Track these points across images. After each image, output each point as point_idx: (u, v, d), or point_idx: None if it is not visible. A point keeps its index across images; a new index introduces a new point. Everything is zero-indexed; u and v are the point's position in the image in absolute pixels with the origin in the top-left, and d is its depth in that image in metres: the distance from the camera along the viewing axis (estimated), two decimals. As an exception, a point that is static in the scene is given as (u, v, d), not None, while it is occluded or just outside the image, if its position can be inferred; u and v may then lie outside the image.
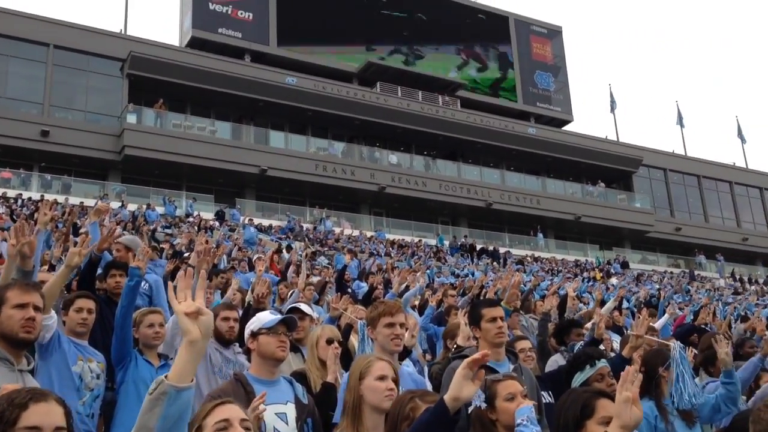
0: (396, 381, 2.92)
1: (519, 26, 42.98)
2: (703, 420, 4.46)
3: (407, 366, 4.99)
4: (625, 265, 34.71)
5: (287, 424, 3.17)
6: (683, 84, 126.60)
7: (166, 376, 1.96)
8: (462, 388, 2.31)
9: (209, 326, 2.06)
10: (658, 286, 25.56)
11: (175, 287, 2.11)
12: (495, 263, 27.79)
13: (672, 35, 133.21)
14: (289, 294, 8.21)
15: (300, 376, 3.83)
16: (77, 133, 28.02)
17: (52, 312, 3.99)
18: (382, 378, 2.86)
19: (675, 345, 2.92)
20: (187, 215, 25.38)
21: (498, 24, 42.08)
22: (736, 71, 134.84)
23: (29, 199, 22.74)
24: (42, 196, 22.98)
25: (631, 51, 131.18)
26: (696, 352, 6.09)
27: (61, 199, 23.12)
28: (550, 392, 4.35)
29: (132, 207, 23.50)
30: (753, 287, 33.56)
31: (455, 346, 5.31)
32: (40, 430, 1.89)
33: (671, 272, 36.48)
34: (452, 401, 2.31)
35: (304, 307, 5.17)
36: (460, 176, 36.40)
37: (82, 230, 10.95)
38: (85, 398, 4.07)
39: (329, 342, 4.12)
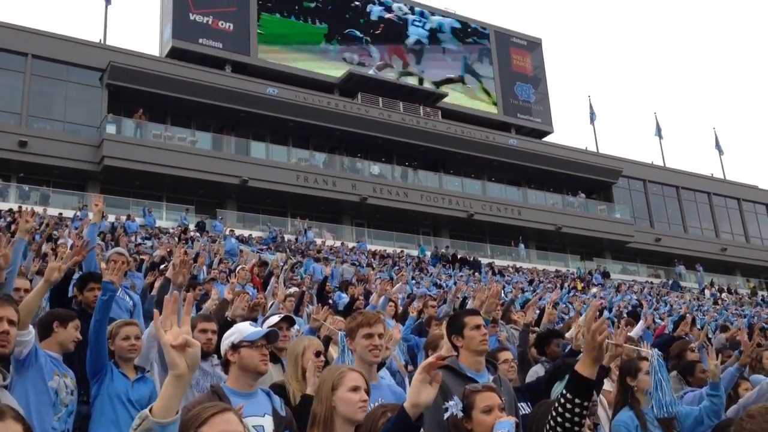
0: (368, 392, 2.89)
1: (499, 38, 43.32)
2: (686, 432, 4.46)
3: (382, 377, 4.97)
4: (606, 275, 34.94)
5: (265, 437, 3.12)
6: (661, 95, 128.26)
7: (150, 410, 1.92)
8: (420, 393, 2.33)
9: (196, 359, 2.02)
10: (636, 297, 25.74)
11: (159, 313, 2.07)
12: (476, 274, 27.84)
13: (650, 48, 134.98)
14: (269, 305, 8.16)
15: (279, 388, 3.78)
16: (56, 144, 27.73)
17: (30, 327, 3.94)
18: (355, 389, 2.84)
19: (653, 353, 2.94)
20: (184, 228, 25.02)
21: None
22: (714, 83, 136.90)
23: (9, 210, 22.45)
24: (20, 207, 22.68)
25: (610, 63, 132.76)
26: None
27: (39, 210, 22.86)
28: (528, 403, 4.35)
29: (111, 218, 23.27)
30: (732, 297, 33.90)
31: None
32: None
33: (651, 282, 36.76)
34: (412, 408, 2.33)
35: (276, 318, 5.11)
36: (441, 187, 36.49)
37: (60, 241, 10.83)
38: (60, 414, 4.01)
39: (318, 355, 4.08)
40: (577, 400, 2.45)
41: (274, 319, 4.58)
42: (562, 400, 2.48)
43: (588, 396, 2.48)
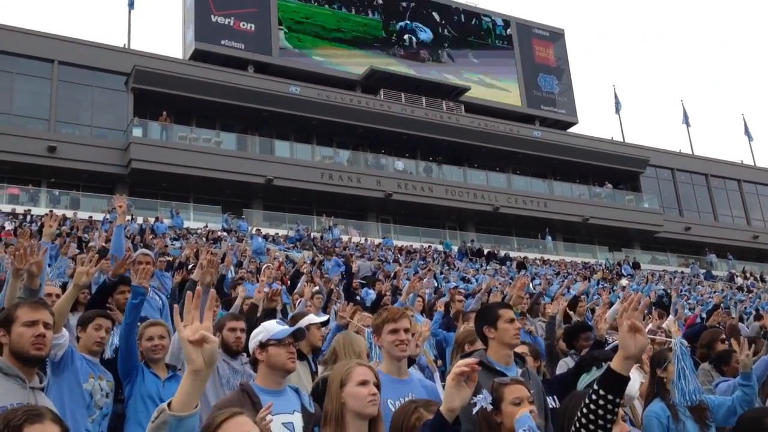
0: (378, 386, 2.88)
1: (521, 30, 43.03)
2: (719, 422, 4.40)
3: (416, 373, 4.97)
4: (636, 265, 34.60)
5: (294, 433, 3.15)
6: (688, 83, 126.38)
7: (169, 405, 1.94)
8: (455, 397, 2.35)
9: (213, 355, 2.02)
10: (664, 287, 25.45)
11: (181, 308, 2.09)
12: (503, 267, 27.73)
13: (676, 34, 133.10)
14: (297, 304, 8.20)
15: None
16: (84, 148, 28.16)
17: (64, 330, 4.02)
18: (363, 383, 2.83)
19: (676, 341, 2.90)
20: (228, 230, 25.28)
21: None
22: (741, 69, 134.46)
23: (37, 216, 22.82)
24: (51, 211, 23.03)
25: (634, 51, 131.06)
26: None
27: (69, 214, 23.23)
28: (554, 397, 4.33)
29: (140, 220, 23.58)
30: (765, 285, 33.37)
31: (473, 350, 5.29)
32: None
33: (682, 272, 36.34)
34: (448, 412, 2.34)
35: (316, 318, 5.14)
36: (466, 181, 36.38)
37: (90, 244, 10.99)
38: (94, 416, 4.08)
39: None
40: (609, 396, 2.44)
41: (314, 319, 4.65)
42: (594, 396, 2.46)
43: (620, 392, 2.46)
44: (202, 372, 1.98)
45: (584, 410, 2.47)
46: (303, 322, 4.63)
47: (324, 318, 5.17)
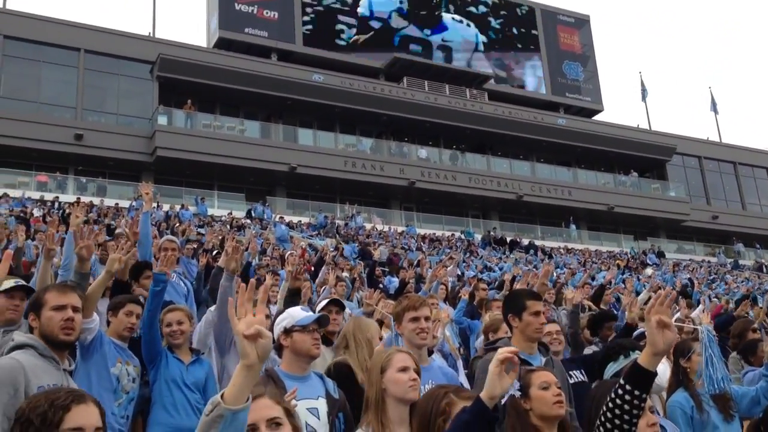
0: (418, 372, 2.90)
1: (546, 16, 42.57)
2: (742, 412, 4.37)
3: (433, 360, 4.98)
4: (660, 254, 34.24)
5: (319, 419, 3.18)
6: (716, 69, 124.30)
7: (222, 397, 1.93)
8: (496, 385, 2.31)
9: (267, 350, 2.00)
10: (688, 275, 25.18)
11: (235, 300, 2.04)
12: (527, 256, 27.60)
13: (704, 19, 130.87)
14: (321, 291, 8.23)
15: (346, 368, 3.84)
16: (110, 136, 28.46)
17: (95, 314, 4.07)
18: (404, 369, 2.85)
19: (702, 329, 2.87)
20: (261, 220, 25.47)
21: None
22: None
23: (65, 203, 23.13)
24: (78, 198, 23.35)
25: (661, 37, 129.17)
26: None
27: (96, 201, 23.53)
28: (582, 371, 4.31)
29: (165, 207, 23.78)
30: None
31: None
32: (82, 431, 1.93)
33: (708, 261, 35.91)
34: (489, 399, 2.31)
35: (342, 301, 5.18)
36: (489, 169, 36.21)
37: (117, 231, 11.09)
38: (121, 400, 4.13)
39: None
40: (635, 392, 2.41)
41: (323, 302, 4.65)
42: (620, 391, 2.44)
43: (647, 388, 2.44)
44: (255, 367, 1.97)
45: (610, 404, 2.45)
46: (318, 306, 4.68)
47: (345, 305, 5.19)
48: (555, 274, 16.60)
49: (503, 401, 2.76)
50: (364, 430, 2.78)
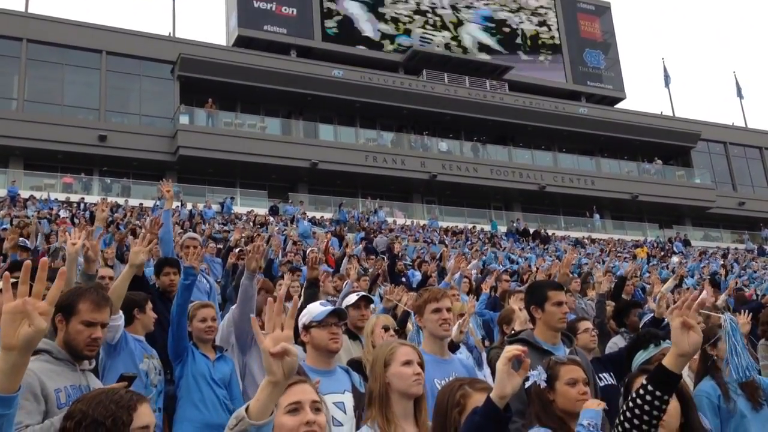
0: (421, 365, 2.85)
1: (566, 4, 42.17)
2: (773, 402, 4.32)
3: (460, 353, 4.99)
4: (686, 243, 33.84)
5: (345, 413, 3.20)
6: (741, 54, 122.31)
7: (246, 411, 1.94)
8: (506, 384, 2.27)
9: (293, 368, 1.97)
10: (720, 262, 24.85)
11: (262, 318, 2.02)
12: (551, 246, 27.41)
13: (726, 4, 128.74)
14: (343, 285, 8.24)
15: (357, 364, 3.85)
16: (133, 137, 28.77)
17: (120, 312, 4.04)
18: (407, 363, 2.81)
19: (725, 317, 2.84)
20: (291, 219, 25.35)
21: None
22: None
23: (91, 204, 23.39)
24: (103, 199, 23.57)
25: (684, 22, 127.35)
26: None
27: (121, 201, 23.80)
28: (611, 373, 4.28)
29: (189, 206, 23.98)
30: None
31: (512, 330, 5.29)
32: (148, 429, 1.99)
33: (736, 248, 35.42)
34: (499, 399, 2.27)
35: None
36: (511, 160, 36.02)
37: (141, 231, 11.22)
38: (151, 394, 4.13)
39: (386, 329, 4.14)
40: (657, 393, 2.39)
41: (353, 297, 4.66)
42: (642, 391, 2.40)
43: (671, 390, 2.39)
44: (280, 384, 1.96)
45: (630, 404, 2.41)
46: (347, 301, 4.69)
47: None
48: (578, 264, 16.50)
49: (527, 386, 2.74)
50: (369, 426, 2.72)
